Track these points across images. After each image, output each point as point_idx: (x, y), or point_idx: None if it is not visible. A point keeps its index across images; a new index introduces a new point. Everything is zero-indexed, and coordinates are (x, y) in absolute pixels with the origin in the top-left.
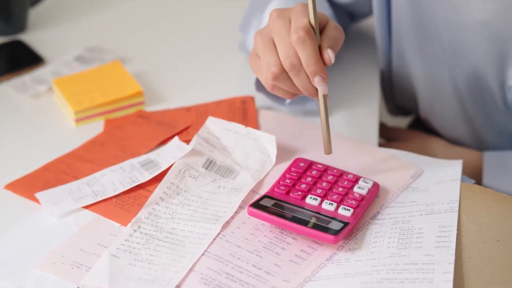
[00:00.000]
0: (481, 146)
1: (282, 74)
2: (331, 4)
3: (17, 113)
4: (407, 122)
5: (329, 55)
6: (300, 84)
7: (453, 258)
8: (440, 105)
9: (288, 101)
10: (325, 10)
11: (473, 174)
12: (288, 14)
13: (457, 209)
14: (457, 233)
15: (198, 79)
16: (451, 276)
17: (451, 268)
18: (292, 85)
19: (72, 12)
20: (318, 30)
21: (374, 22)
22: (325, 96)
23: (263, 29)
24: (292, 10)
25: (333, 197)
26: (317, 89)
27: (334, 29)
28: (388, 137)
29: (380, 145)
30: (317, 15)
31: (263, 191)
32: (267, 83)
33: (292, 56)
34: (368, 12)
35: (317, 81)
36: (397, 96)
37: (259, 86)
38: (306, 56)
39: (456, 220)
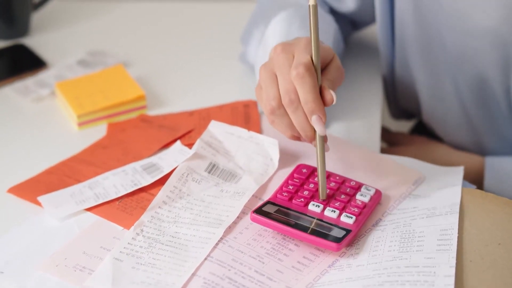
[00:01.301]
0: (482, 151)
1: (280, 109)
2: (333, 14)
3: (20, 117)
4: (410, 126)
5: (331, 95)
6: (296, 122)
7: (454, 261)
8: (442, 110)
9: None
10: (332, 26)
11: (475, 179)
12: (293, 49)
13: (457, 211)
14: (458, 236)
15: (201, 83)
16: (452, 279)
17: (452, 271)
18: (289, 123)
19: (74, 16)
20: (319, 68)
21: (376, 29)
22: (322, 138)
23: (267, 62)
24: (296, 45)
25: (336, 204)
26: (314, 131)
27: (336, 70)
28: (390, 141)
29: (383, 150)
30: (319, 53)
31: (265, 196)
32: (267, 116)
33: (291, 92)
34: (370, 20)
35: (314, 120)
36: (400, 100)
37: None
38: (304, 93)
39: (457, 223)
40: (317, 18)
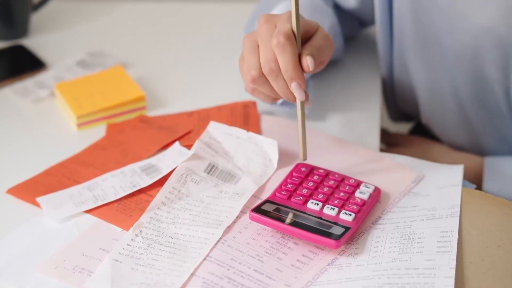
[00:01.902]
0: (481, 151)
1: (261, 77)
2: (339, 11)
3: (19, 118)
4: (409, 128)
5: (308, 62)
6: (278, 89)
7: (454, 263)
8: (441, 111)
9: (279, 102)
10: (328, 18)
11: (474, 179)
12: (275, 20)
13: (458, 214)
14: (458, 238)
15: (200, 83)
16: (452, 281)
17: (452, 272)
18: (271, 89)
19: (73, 17)
20: (299, 37)
21: (375, 30)
22: (302, 103)
23: (251, 33)
24: (279, 17)
25: (335, 202)
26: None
27: (322, 38)
28: (389, 143)
29: (382, 150)
30: (299, 21)
31: (264, 196)
32: (247, 86)
33: (271, 61)
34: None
35: (293, 87)
36: (399, 102)
37: None
38: (284, 61)
39: (457, 225)
40: None
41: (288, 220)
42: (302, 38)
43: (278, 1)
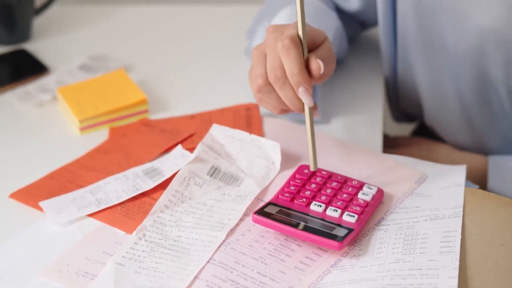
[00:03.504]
0: (485, 152)
1: (267, 86)
2: (340, 13)
3: (22, 122)
4: (412, 129)
5: (318, 63)
6: (285, 97)
7: (457, 263)
8: (445, 112)
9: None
10: (333, 22)
11: (478, 179)
12: (283, 29)
13: (461, 214)
14: (461, 237)
15: (202, 86)
16: (455, 281)
17: (456, 273)
18: (278, 99)
19: (75, 21)
20: (305, 42)
21: (378, 31)
22: (311, 109)
23: (260, 44)
24: (287, 25)
25: (338, 203)
26: (303, 104)
27: (327, 50)
28: (391, 146)
29: (384, 151)
30: (305, 26)
31: (267, 198)
32: (255, 96)
33: (277, 68)
34: (376, 21)
35: (301, 92)
36: (402, 103)
37: None
38: (289, 64)
39: (461, 225)
40: None
41: (291, 222)
42: (309, 46)
43: (280, 6)
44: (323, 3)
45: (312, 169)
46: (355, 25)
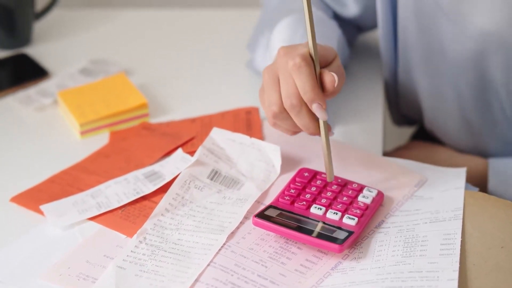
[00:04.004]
0: (484, 155)
1: (282, 113)
2: (338, 20)
3: (22, 126)
4: (412, 132)
5: (332, 75)
6: (300, 124)
7: (457, 265)
8: (444, 115)
9: None
10: (335, 31)
11: (478, 182)
12: (294, 49)
13: (461, 216)
14: (461, 240)
15: (203, 90)
16: (455, 283)
17: (456, 275)
18: (293, 124)
19: (76, 25)
20: (317, 59)
21: (378, 36)
22: (325, 124)
23: (271, 65)
24: (298, 46)
25: (338, 206)
26: (317, 127)
27: (338, 67)
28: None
29: (385, 153)
30: (315, 42)
31: (268, 201)
32: (268, 119)
33: (292, 96)
34: (374, 25)
35: (315, 108)
36: (402, 106)
37: None
38: (301, 82)
39: (461, 227)
40: (311, 9)
41: (291, 225)
42: (321, 64)
43: (280, 16)
44: (322, 12)
45: (328, 180)
46: (352, 30)
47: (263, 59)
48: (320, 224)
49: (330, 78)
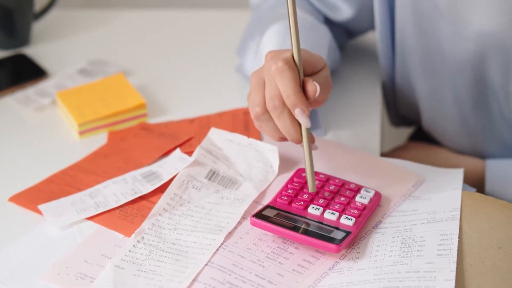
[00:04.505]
0: (482, 156)
1: (264, 114)
2: (329, 24)
3: (21, 126)
4: (409, 133)
5: (315, 85)
6: (281, 127)
7: (454, 265)
8: (442, 116)
9: None
10: (326, 36)
11: (476, 183)
12: (281, 54)
13: (458, 217)
14: (458, 240)
15: (201, 91)
16: (452, 284)
17: (453, 275)
18: (276, 127)
19: (75, 25)
20: (301, 64)
21: (375, 38)
22: (308, 131)
23: (259, 69)
24: (285, 50)
25: (335, 206)
26: (299, 133)
27: (323, 78)
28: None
29: (382, 154)
30: (299, 47)
31: (265, 201)
32: (254, 122)
33: (275, 98)
34: (366, 29)
35: (297, 113)
36: (400, 108)
37: None
38: (284, 86)
39: (458, 228)
40: (295, 11)
41: (289, 225)
42: (309, 72)
43: (270, 22)
44: (313, 17)
45: (310, 190)
46: (343, 34)
47: (253, 64)
48: (317, 224)
49: (312, 87)
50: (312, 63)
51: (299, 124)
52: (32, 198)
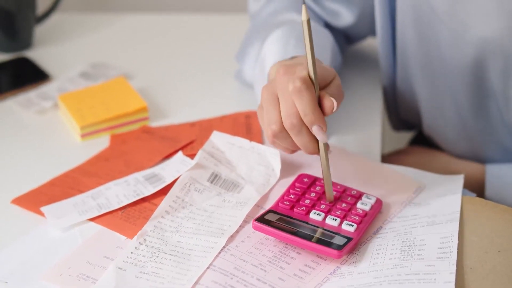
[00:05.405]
0: (482, 161)
1: (282, 132)
2: (328, 28)
3: (23, 129)
4: (410, 137)
5: (331, 101)
6: (300, 144)
7: (454, 268)
8: (442, 121)
9: None
10: (328, 40)
11: (476, 187)
12: (294, 69)
13: (458, 219)
14: (458, 243)
15: (202, 94)
16: (452, 286)
17: (453, 278)
18: (292, 143)
19: (76, 28)
20: (317, 81)
21: (376, 42)
22: (325, 145)
23: (270, 83)
24: (297, 66)
25: (337, 212)
26: (317, 147)
27: (337, 87)
28: (390, 154)
29: (383, 159)
30: (315, 65)
31: (267, 205)
32: (268, 138)
33: (292, 116)
34: (365, 35)
35: (315, 131)
36: (401, 112)
37: None
38: (302, 106)
39: (457, 230)
40: (311, 33)
41: (291, 230)
42: (321, 84)
43: (270, 28)
44: (313, 21)
45: (328, 201)
46: (342, 40)
47: (254, 72)
48: (319, 230)
49: (329, 103)
50: (325, 76)
51: (316, 140)
52: (34, 200)
